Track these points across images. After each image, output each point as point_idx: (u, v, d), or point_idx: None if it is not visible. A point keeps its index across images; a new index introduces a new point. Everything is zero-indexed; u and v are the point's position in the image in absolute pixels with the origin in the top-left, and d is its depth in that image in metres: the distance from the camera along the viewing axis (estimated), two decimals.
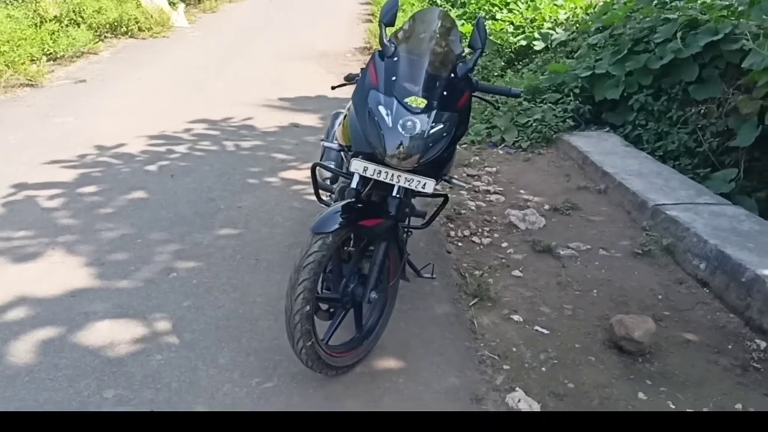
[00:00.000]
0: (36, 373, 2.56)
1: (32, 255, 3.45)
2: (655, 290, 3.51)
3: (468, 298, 3.33)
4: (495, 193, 4.74)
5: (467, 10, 10.31)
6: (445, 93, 2.45)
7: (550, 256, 3.82)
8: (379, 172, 2.47)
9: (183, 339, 2.82)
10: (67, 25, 9.15)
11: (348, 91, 2.93)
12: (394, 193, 2.53)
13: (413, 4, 11.07)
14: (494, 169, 5.25)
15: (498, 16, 9.54)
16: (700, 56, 5.43)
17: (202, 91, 7.25)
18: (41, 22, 8.74)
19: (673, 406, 2.64)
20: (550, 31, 8.19)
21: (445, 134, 2.42)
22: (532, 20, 8.85)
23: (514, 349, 2.95)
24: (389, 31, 2.62)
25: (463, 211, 4.35)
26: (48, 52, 8.21)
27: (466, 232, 4.09)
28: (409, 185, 2.47)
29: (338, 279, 2.53)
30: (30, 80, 7.14)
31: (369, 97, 2.45)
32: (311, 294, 2.31)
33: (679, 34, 5.56)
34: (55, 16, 9.09)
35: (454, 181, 2.77)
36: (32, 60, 7.77)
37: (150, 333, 2.84)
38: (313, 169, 2.93)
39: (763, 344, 3.05)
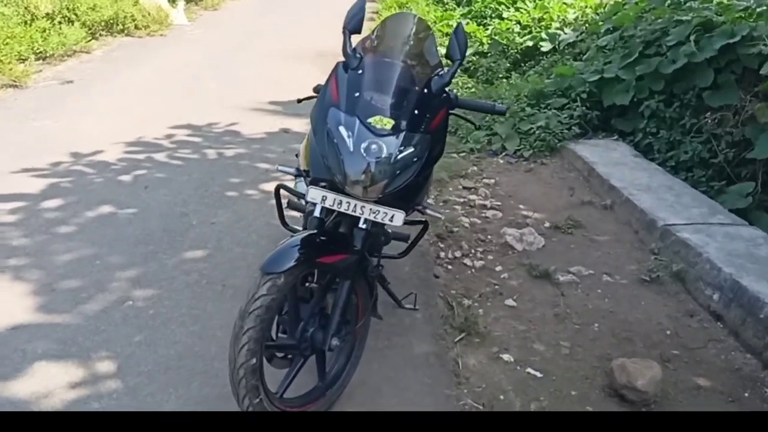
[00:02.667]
0: None
1: None
2: (663, 324, 3.17)
3: (454, 333, 3.00)
4: (492, 208, 4.40)
5: (473, 9, 9.95)
6: (416, 111, 2.12)
7: (548, 283, 3.49)
8: (340, 203, 2.14)
9: (127, 383, 2.50)
10: (60, 23, 8.84)
11: None
12: (360, 224, 2.20)
13: (417, 2, 10.70)
14: (493, 180, 4.91)
15: (505, 14, 9.18)
16: (715, 60, 5.08)
17: (192, 92, 6.94)
18: (32, 19, 8.45)
19: None
20: (558, 32, 7.83)
21: (415, 159, 2.10)
22: (540, 20, 8.50)
23: (502, 397, 2.62)
24: (356, 39, 2.30)
25: (455, 229, 4.01)
26: (38, 51, 7.92)
27: (458, 253, 3.75)
28: (374, 218, 2.14)
29: (295, 322, 2.21)
30: (14, 81, 6.85)
31: (328, 115, 2.13)
32: (258, 344, 1.99)
33: (692, 37, 5.21)
34: (48, 14, 8.80)
35: (429, 211, 2.43)
36: (21, 59, 7.51)
37: (91, 376, 2.53)
38: (276, 191, 2.62)
39: None
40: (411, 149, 2.08)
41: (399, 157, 2.05)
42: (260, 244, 3.65)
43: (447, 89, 2.28)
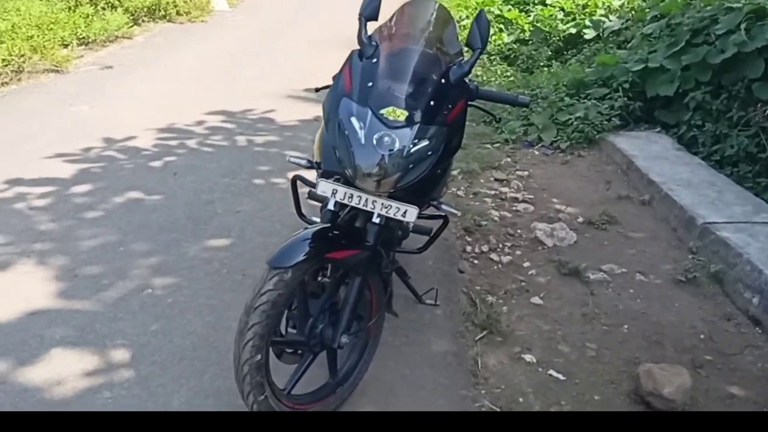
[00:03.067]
0: None
1: (2, 264, 3.19)
2: (697, 328, 3.02)
3: (475, 331, 2.91)
4: (524, 201, 4.27)
5: None
6: (432, 102, 2.03)
7: (577, 281, 3.36)
8: (351, 197, 2.07)
9: (139, 373, 2.49)
10: (103, 8, 8.98)
11: None
12: (373, 219, 2.12)
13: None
14: (526, 172, 4.77)
15: (548, 1, 8.92)
16: (766, 50, 4.82)
17: (229, 79, 6.96)
18: (76, 5, 8.58)
19: None
20: (603, 19, 7.57)
21: (430, 153, 2.00)
22: (584, 6, 8.23)
23: (521, 399, 2.52)
24: (372, 27, 2.21)
25: (484, 222, 3.90)
26: (80, 37, 8.04)
27: (485, 248, 3.65)
28: (386, 213, 2.07)
29: (304, 317, 2.15)
30: (56, 66, 6.97)
31: (340, 105, 2.05)
32: (263, 341, 1.94)
33: (743, 25, 4.95)
34: None
35: (444, 207, 2.32)
36: (64, 45, 7.63)
37: (105, 364, 2.53)
38: (293, 182, 2.57)
39: None
40: (425, 142, 1.99)
41: (412, 150, 1.96)
42: (283, 233, 3.60)
43: (467, 79, 2.18)
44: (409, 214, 2.05)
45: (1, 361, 2.52)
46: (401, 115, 1.96)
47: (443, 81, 2.09)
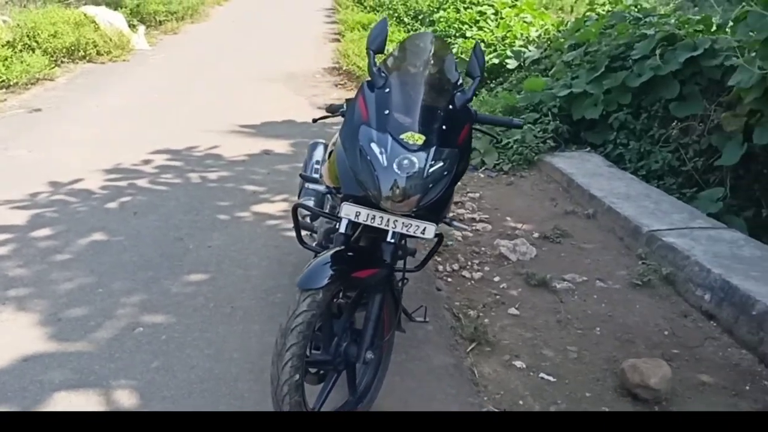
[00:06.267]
0: None
1: None
2: (660, 325, 3.30)
3: (465, 343, 3.08)
4: (481, 221, 4.50)
5: (437, 29, 10.14)
6: (444, 127, 2.21)
7: (546, 291, 3.60)
8: (373, 217, 2.20)
9: (152, 409, 2.49)
10: (20, 51, 8.69)
11: (333, 122, 2.64)
12: (388, 239, 2.26)
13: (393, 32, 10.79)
14: (477, 194, 5.02)
15: (468, 33, 9.39)
16: (680, 73, 5.34)
17: (163, 117, 6.89)
18: None
19: None
20: (523, 49, 8.06)
21: (445, 173, 2.17)
22: (503, 38, 8.72)
23: (521, 402, 2.69)
24: (379, 58, 2.38)
25: (449, 243, 4.09)
26: (1, 80, 7.77)
27: (455, 266, 3.83)
28: (407, 231, 2.21)
29: (329, 338, 2.25)
30: None
31: (359, 133, 2.19)
32: (300, 360, 2.02)
33: (657, 51, 5.45)
34: (8, 42, 8.64)
35: (455, 223, 2.50)
36: None
37: (113, 404, 2.50)
38: (294, 211, 2.65)
39: None
40: (441, 163, 2.15)
41: (430, 171, 2.12)
42: (261, 265, 3.66)
43: (469, 105, 2.37)
44: (428, 231, 2.21)
45: (2, 407, 2.45)
46: (419, 139, 2.12)
47: (450, 107, 2.27)
